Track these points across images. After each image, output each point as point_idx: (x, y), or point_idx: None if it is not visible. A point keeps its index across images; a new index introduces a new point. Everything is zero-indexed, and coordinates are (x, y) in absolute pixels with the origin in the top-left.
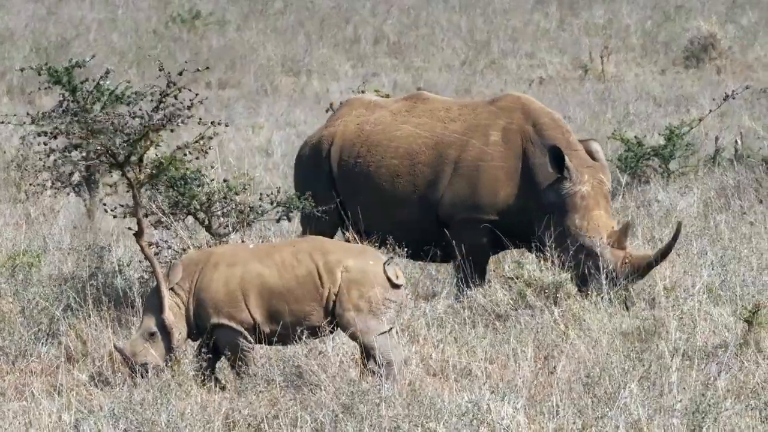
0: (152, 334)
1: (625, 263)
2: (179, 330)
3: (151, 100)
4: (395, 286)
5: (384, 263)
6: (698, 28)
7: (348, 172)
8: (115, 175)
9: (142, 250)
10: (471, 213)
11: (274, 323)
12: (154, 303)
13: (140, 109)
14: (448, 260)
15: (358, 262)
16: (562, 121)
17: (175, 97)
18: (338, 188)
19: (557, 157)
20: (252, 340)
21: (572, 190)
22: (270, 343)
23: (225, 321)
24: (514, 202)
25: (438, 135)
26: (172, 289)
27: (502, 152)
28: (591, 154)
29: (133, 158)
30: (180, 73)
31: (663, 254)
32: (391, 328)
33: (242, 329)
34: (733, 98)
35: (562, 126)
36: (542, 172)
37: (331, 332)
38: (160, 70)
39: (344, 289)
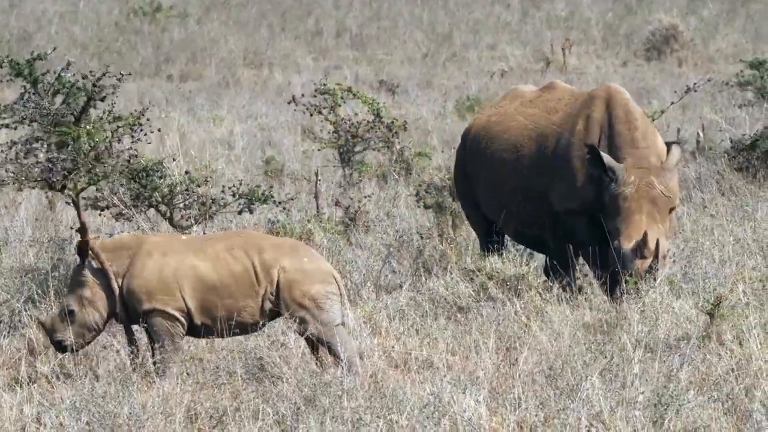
0: (71, 312)
1: (644, 273)
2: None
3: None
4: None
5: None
6: (659, 21)
7: (473, 161)
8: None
9: (91, 250)
10: (564, 204)
11: (206, 316)
12: (77, 281)
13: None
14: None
15: (294, 262)
16: (637, 114)
17: (102, 99)
18: (468, 176)
19: (594, 156)
20: (185, 327)
21: (616, 191)
22: (204, 336)
23: (159, 306)
24: (590, 194)
25: (540, 126)
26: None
27: (581, 141)
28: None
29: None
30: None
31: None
32: (341, 323)
33: (178, 315)
34: (695, 90)
35: (632, 120)
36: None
37: (262, 327)
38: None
39: (286, 291)
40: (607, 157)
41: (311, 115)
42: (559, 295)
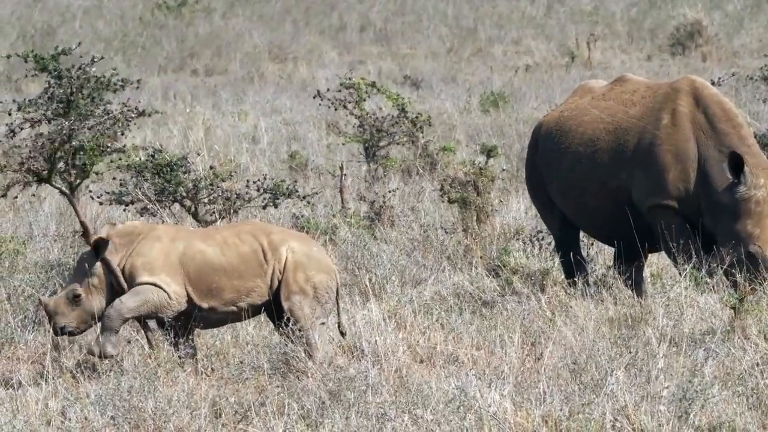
0: (76, 297)
1: None
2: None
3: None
4: None
5: None
6: (684, 15)
7: (545, 157)
8: (102, 165)
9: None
10: (655, 199)
11: (214, 299)
12: (87, 269)
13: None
14: (655, 250)
15: (302, 246)
16: (734, 111)
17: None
18: (541, 173)
19: (736, 164)
20: (173, 309)
21: (747, 194)
22: (212, 324)
23: (156, 281)
24: (684, 188)
25: (618, 120)
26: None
27: (670, 134)
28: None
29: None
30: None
31: None
32: (324, 322)
33: (171, 293)
34: (719, 85)
35: (733, 118)
36: (714, 166)
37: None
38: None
39: (290, 270)
40: (746, 165)
41: (336, 109)
42: (583, 290)
